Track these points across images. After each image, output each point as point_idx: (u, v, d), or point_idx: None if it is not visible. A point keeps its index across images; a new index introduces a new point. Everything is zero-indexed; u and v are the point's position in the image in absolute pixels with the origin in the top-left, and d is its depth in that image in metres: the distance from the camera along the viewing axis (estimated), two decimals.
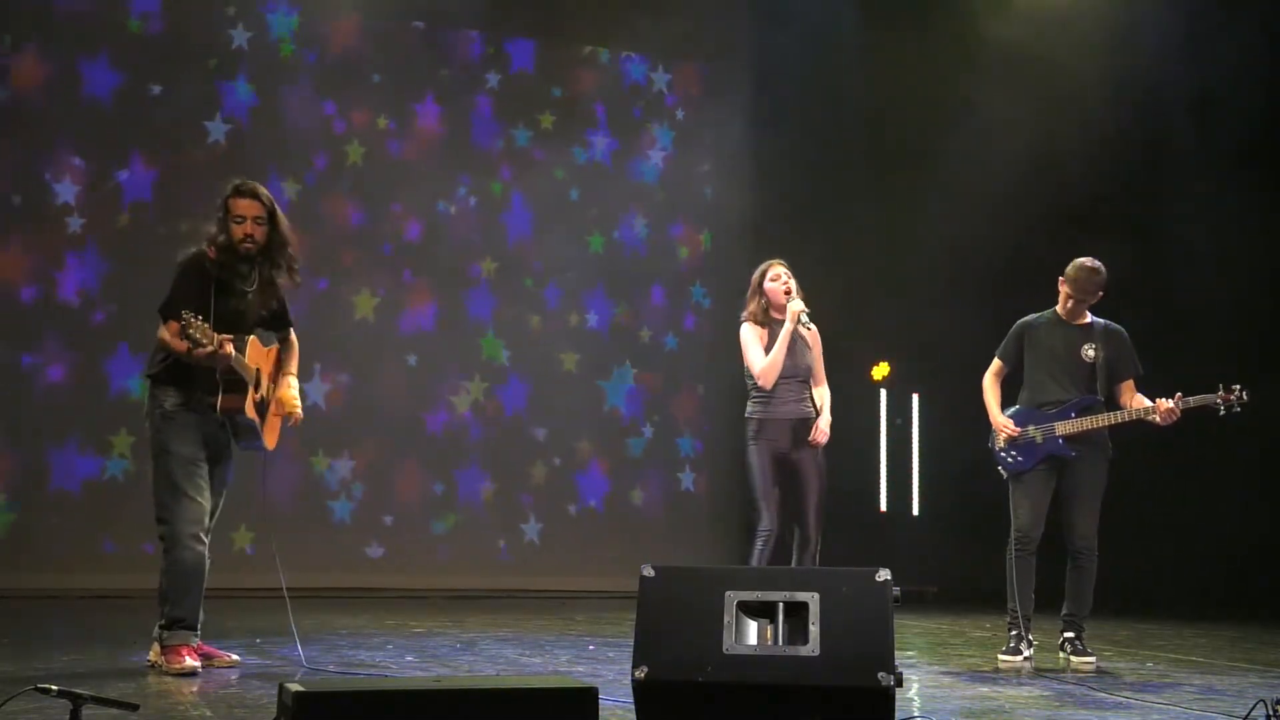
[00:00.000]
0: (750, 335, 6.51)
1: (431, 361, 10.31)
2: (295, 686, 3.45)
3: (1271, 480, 9.21)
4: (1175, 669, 6.21)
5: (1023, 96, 9.44)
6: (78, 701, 3.42)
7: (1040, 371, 6.44)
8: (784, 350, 6.40)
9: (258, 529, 9.16)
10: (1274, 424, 8.76)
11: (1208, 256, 9.18)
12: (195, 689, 4.92)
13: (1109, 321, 6.47)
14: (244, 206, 5.46)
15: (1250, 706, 4.45)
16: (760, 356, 6.44)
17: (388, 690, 3.74)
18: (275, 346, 5.67)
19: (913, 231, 10.30)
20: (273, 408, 5.60)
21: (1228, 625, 8.28)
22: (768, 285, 6.52)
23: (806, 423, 6.46)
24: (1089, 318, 6.46)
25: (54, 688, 3.42)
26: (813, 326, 6.53)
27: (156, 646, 5.46)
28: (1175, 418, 6.14)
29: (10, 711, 4.03)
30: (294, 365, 5.74)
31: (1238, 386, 6.10)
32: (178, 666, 5.26)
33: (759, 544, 6.41)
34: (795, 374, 6.47)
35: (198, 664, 5.31)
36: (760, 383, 6.44)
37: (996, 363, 6.60)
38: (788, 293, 6.48)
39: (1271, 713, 4.13)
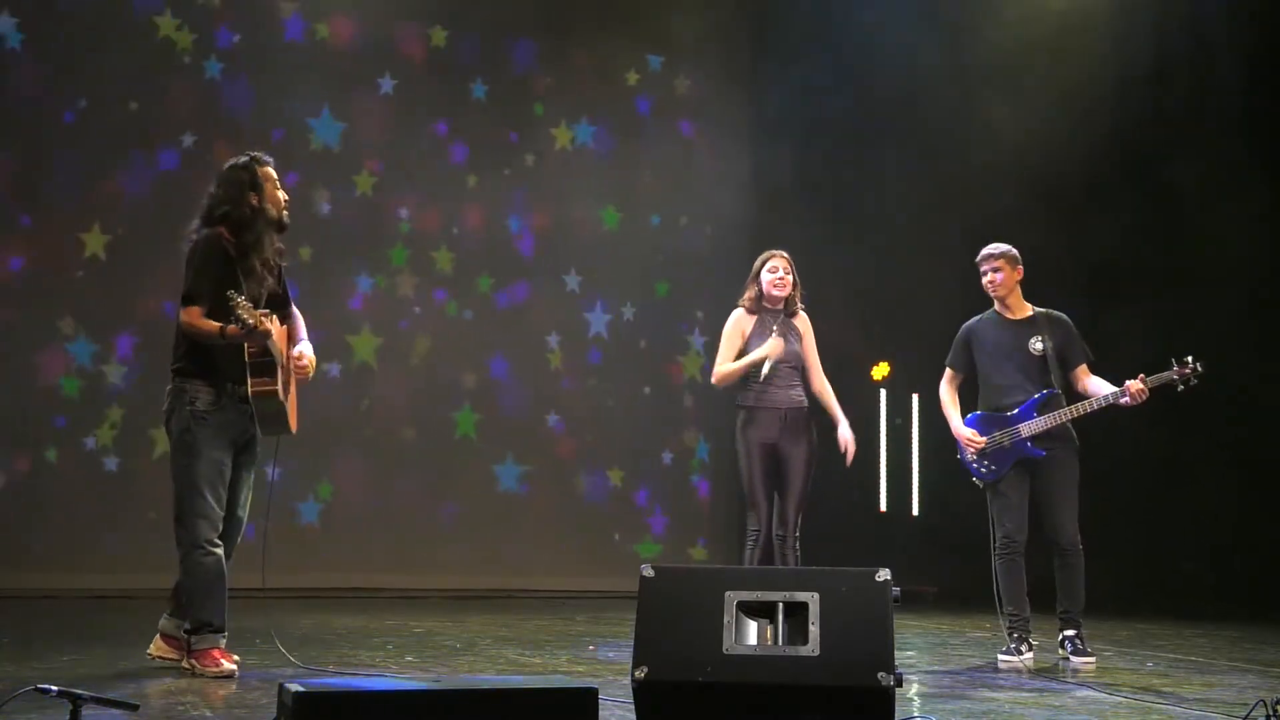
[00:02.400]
0: (732, 327, 6.59)
1: (434, 362, 10.31)
2: (295, 686, 3.45)
3: (1274, 479, 9.19)
4: (1175, 669, 6.21)
5: (1026, 90, 9.41)
6: (77, 702, 3.42)
7: (993, 372, 6.43)
8: (738, 371, 6.49)
9: (257, 527, 9.13)
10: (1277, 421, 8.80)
11: (1210, 241, 9.18)
12: (194, 689, 4.92)
13: (1050, 310, 6.46)
14: (274, 173, 5.40)
15: (1250, 706, 4.45)
16: (725, 357, 6.55)
17: (388, 690, 3.74)
18: (283, 325, 5.46)
19: (912, 230, 10.29)
20: (293, 387, 5.46)
21: (1228, 625, 8.27)
22: (764, 277, 6.57)
23: (797, 410, 6.51)
24: (1030, 310, 6.46)
25: (54, 688, 3.42)
26: (801, 313, 6.62)
27: (159, 639, 5.45)
28: (1145, 398, 6.13)
29: (10, 711, 4.02)
30: (304, 332, 5.56)
31: (1190, 358, 6.08)
32: (214, 670, 5.20)
33: (748, 545, 6.49)
34: (785, 360, 6.51)
35: (234, 666, 5.26)
36: (712, 379, 6.62)
37: (948, 372, 6.59)
38: (781, 286, 6.54)
39: (1271, 713, 4.12)
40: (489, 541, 10.26)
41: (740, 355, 6.54)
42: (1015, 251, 6.44)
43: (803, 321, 6.64)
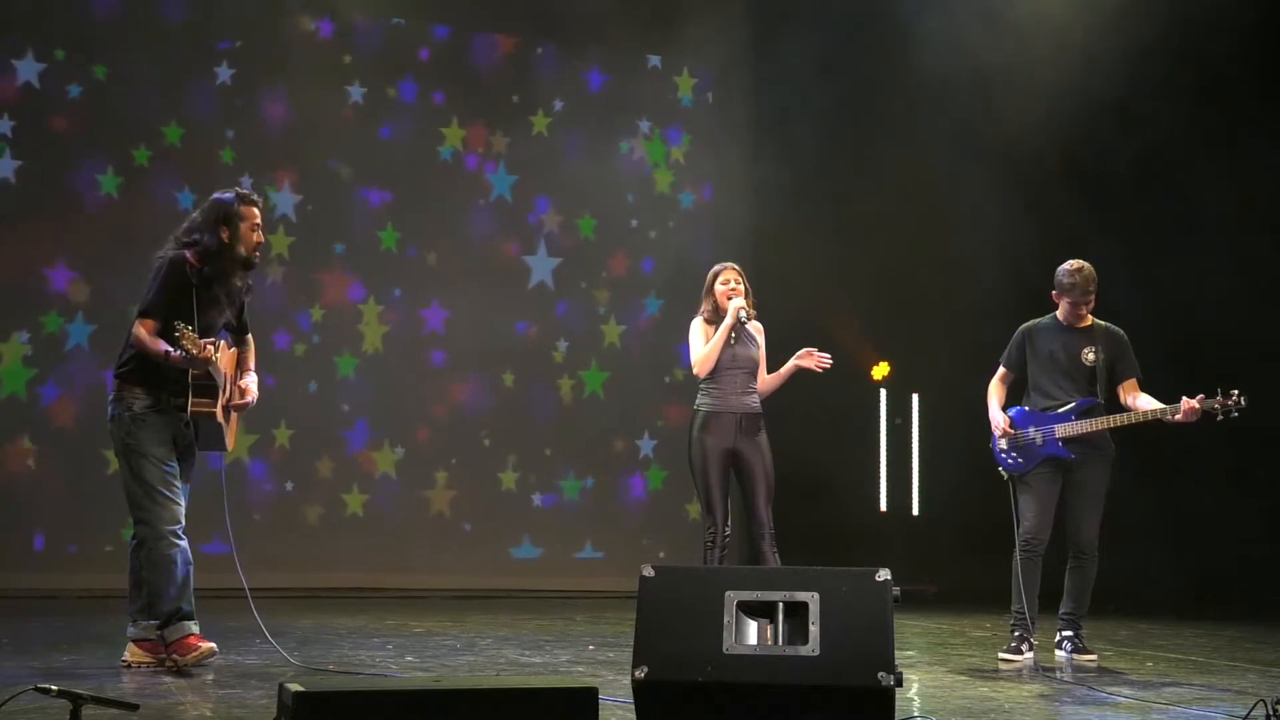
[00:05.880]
0: (696, 329, 6.68)
1: (431, 361, 10.31)
2: (295, 686, 3.45)
3: (1274, 478, 9.21)
4: (1175, 669, 6.21)
5: (1029, 88, 9.39)
6: (78, 701, 3.42)
7: (1042, 375, 6.46)
8: (719, 344, 6.54)
9: (246, 528, 9.15)
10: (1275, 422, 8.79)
11: (1217, 243, 9.22)
12: (194, 689, 4.92)
13: (1109, 324, 6.49)
14: (256, 215, 5.60)
15: (1250, 706, 4.45)
16: (699, 348, 6.60)
17: (388, 690, 3.75)
18: (235, 349, 5.74)
19: (913, 230, 10.29)
20: (233, 411, 5.68)
21: (1228, 625, 8.27)
22: (717, 288, 6.65)
23: (752, 415, 6.56)
24: (1089, 320, 6.48)
25: (54, 688, 3.42)
26: (751, 320, 6.62)
27: (132, 646, 5.48)
28: (1196, 417, 6.14)
29: (10, 711, 4.03)
30: (253, 362, 5.83)
31: (1235, 391, 6.10)
32: (194, 655, 5.31)
33: (706, 547, 6.50)
34: (741, 365, 6.58)
35: (212, 644, 5.38)
36: (695, 371, 6.62)
37: (1001, 370, 6.62)
38: (734, 296, 6.59)
39: (1271, 713, 4.13)
40: (489, 541, 10.26)
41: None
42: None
43: (756, 328, 6.71)
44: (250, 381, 5.73)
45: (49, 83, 9.40)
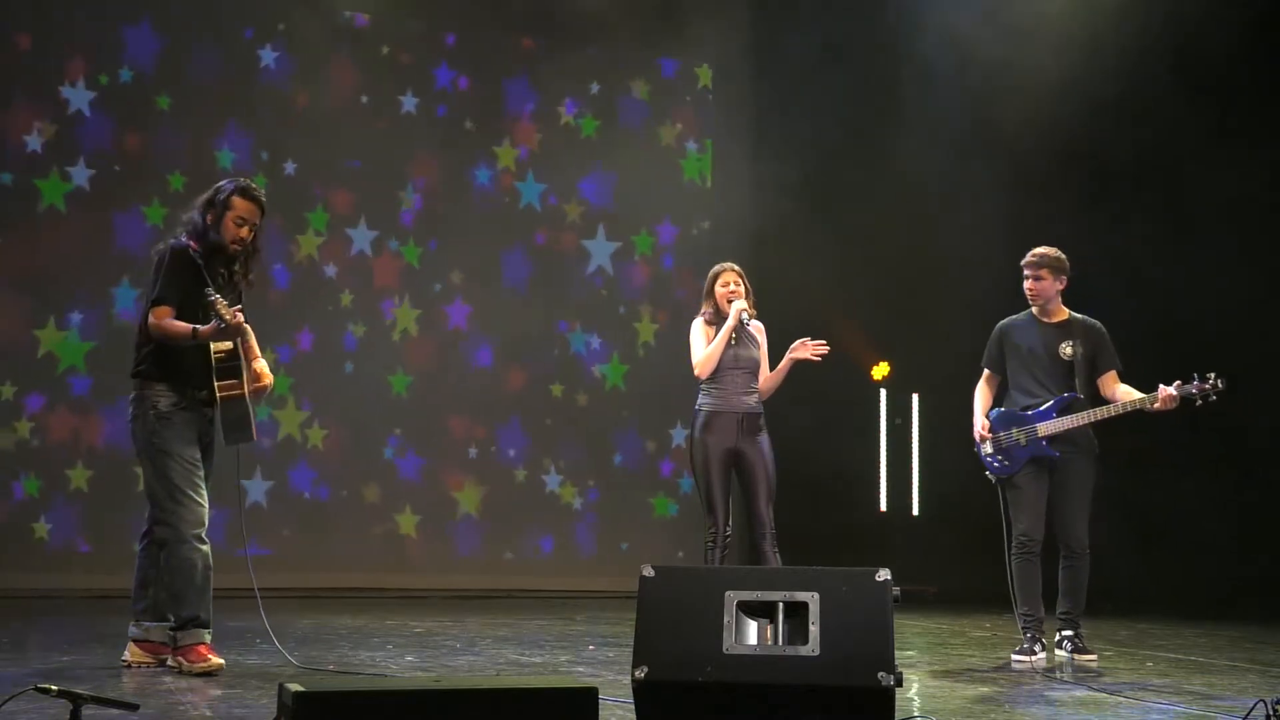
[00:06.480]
0: (697, 330, 6.71)
1: (434, 364, 10.31)
2: (295, 686, 3.45)
3: (1274, 478, 9.21)
4: (1175, 669, 6.21)
5: (1026, 88, 9.38)
6: (78, 701, 3.42)
7: (1021, 373, 6.45)
8: (721, 345, 6.58)
9: (248, 527, 9.12)
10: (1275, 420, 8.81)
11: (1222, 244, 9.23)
12: (194, 689, 4.92)
13: (1086, 317, 6.47)
14: (248, 210, 5.50)
15: (1250, 706, 4.45)
16: (700, 349, 6.64)
17: (388, 690, 3.75)
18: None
19: (914, 230, 10.29)
20: (252, 397, 5.59)
21: (1228, 625, 8.27)
22: (718, 290, 6.68)
23: (752, 416, 6.59)
24: (1066, 314, 6.46)
25: (54, 688, 3.42)
26: (755, 320, 6.65)
27: (133, 646, 5.47)
28: (1174, 405, 6.13)
29: (10, 711, 4.03)
30: (258, 350, 5.71)
31: (1212, 375, 6.08)
32: (201, 666, 5.26)
33: (707, 546, 6.53)
34: (743, 366, 6.61)
35: (221, 661, 5.32)
36: (696, 372, 6.65)
37: (985, 372, 6.60)
38: (734, 297, 6.62)
39: (1271, 713, 4.13)
40: (489, 542, 10.26)
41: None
42: (1062, 259, 6.42)
43: (757, 328, 6.74)
44: (264, 366, 5.61)
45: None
